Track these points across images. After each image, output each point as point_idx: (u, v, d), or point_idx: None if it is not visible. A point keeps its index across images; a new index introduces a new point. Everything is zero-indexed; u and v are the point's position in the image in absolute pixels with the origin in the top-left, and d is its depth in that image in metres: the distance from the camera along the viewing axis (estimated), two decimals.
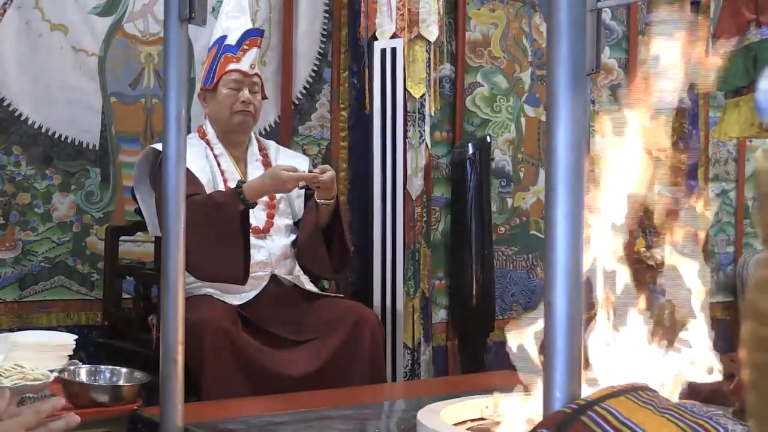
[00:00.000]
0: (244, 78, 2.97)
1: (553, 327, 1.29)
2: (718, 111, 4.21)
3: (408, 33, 3.37)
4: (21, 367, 2.28)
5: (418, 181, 3.41)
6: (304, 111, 3.77)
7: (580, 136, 1.31)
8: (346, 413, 2.24)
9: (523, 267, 4.24)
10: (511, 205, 4.21)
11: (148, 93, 3.46)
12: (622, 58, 4.55)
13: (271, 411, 2.29)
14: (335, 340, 2.78)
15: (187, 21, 1.88)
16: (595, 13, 1.36)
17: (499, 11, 4.16)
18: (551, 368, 1.28)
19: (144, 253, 3.33)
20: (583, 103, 1.32)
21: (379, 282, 3.43)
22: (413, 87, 3.39)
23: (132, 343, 2.99)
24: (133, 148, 3.39)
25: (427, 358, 3.42)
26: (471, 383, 2.84)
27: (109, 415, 2.26)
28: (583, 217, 1.31)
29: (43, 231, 3.27)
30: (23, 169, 3.24)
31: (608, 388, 1.35)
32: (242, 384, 2.62)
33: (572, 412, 1.26)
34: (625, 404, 1.31)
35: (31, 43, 3.24)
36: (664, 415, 1.29)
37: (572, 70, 1.30)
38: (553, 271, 1.29)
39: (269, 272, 2.92)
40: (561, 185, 1.29)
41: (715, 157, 4.87)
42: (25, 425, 1.40)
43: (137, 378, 2.39)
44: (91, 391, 2.27)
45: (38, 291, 3.26)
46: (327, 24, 3.80)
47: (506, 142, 4.20)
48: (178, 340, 1.89)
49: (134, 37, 3.44)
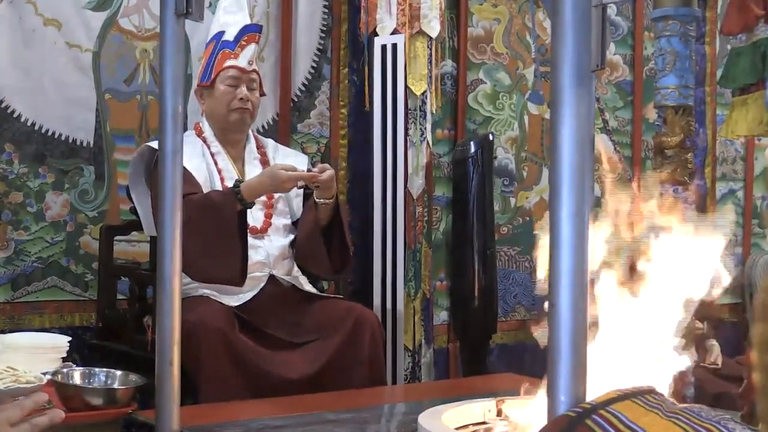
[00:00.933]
0: (241, 74, 2.95)
1: (558, 329, 1.26)
2: (726, 109, 4.18)
3: (409, 29, 3.35)
4: (13, 370, 2.27)
5: (419, 179, 3.39)
6: (303, 108, 3.75)
7: (584, 134, 1.29)
8: (346, 416, 2.24)
9: (526, 268, 4.21)
10: (513, 205, 4.18)
11: (143, 89, 3.44)
12: (628, 54, 4.52)
13: (269, 414, 2.29)
14: (334, 342, 2.76)
15: (184, 16, 1.85)
16: (600, 9, 1.35)
17: (501, 6, 4.14)
18: (555, 371, 1.26)
19: (139, 253, 3.31)
20: (588, 100, 1.31)
21: (379, 283, 3.41)
22: (414, 84, 3.37)
23: (127, 344, 2.97)
24: (128, 145, 3.37)
25: (428, 360, 3.40)
26: (473, 386, 2.83)
27: (104, 418, 2.25)
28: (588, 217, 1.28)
29: (36, 230, 3.24)
30: (16, 167, 3.21)
31: (614, 392, 1.32)
32: (240, 386, 2.60)
33: (577, 415, 1.23)
34: (631, 408, 1.28)
35: (24, 38, 3.21)
36: (671, 419, 1.26)
37: (577, 67, 1.27)
38: (558, 273, 1.26)
39: (267, 273, 2.89)
40: (565, 184, 1.26)
41: (723, 155, 4.84)
42: (10, 420, 1.40)
43: (132, 380, 2.38)
44: (85, 394, 2.26)
45: (31, 292, 3.23)
46: (326, 19, 3.78)
47: (509, 140, 4.17)
48: (174, 342, 1.86)
49: (129, 33, 3.41)
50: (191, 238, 2.52)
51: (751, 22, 2.85)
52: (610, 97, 4.45)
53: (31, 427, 1.41)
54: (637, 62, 4.53)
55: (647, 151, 4.48)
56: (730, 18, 2.96)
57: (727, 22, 3.00)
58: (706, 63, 4.61)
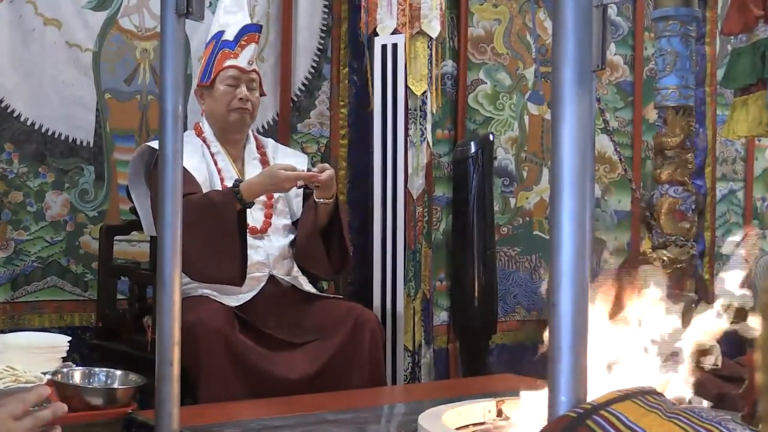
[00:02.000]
0: (241, 74, 2.94)
1: (558, 330, 1.26)
2: (726, 109, 4.18)
3: (409, 29, 3.35)
4: (13, 369, 2.28)
5: (419, 180, 3.38)
6: (303, 108, 3.75)
7: (585, 134, 1.28)
8: (346, 417, 2.24)
9: (527, 268, 4.20)
10: (514, 205, 4.18)
11: (143, 89, 3.43)
12: (628, 54, 4.51)
13: (268, 414, 2.28)
14: (334, 342, 2.76)
15: (185, 16, 1.84)
16: (601, 9, 1.35)
17: (502, 7, 4.13)
18: (556, 371, 1.25)
19: (139, 253, 3.31)
20: (589, 100, 1.31)
21: (379, 283, 3.41)
22: (414, 84, 3.37)
23: (127, 344, 2.96)
24: (128, 145, 3.36)
25: (427, 360, 3.40)
26: (473, 386, 2.82)
27: (104, 418, 2.25)
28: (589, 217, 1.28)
29: (36, 230, 3.24)
30: (15, 166, 3.21)
31: (615, 392, 1.32)
32: (239, 387, 2.60)
33: (578, 416, 1.23)
34: (632, 408, 1.28)
35: (24, 38, 3.20)
36: (672, 420, 1.26)
37: (578, 67, 1.27)
38: (559, 273, 1.26)
39: (267, 273, 2.89)
40: (566, 184, 1.26)
41: (723, 156, 4.84)
42: (13, 414, 1.40)
43: (132, 380, 2.39)
44: (85, 394, 2.26)
45: (31, 291, 3.23)
46: (326, 19, 3.78)
47: (509, 141, 4.16)
48: (174, 342, 1.86)
49: (129, 32, 3.41)
50: (191, 238, 2.51)
51: (750, 23, 2.85)
52: (610, 98, 4.45)
53: (34, 420, 1.41)
54: (638, 62, 4.52)
55: (647, 152, 4.48)
56: (731, 18, 2.96)
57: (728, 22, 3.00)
58: (707, 63, 4.61)
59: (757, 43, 2.91)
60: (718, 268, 4.79)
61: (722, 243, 4.85)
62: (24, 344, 2.56)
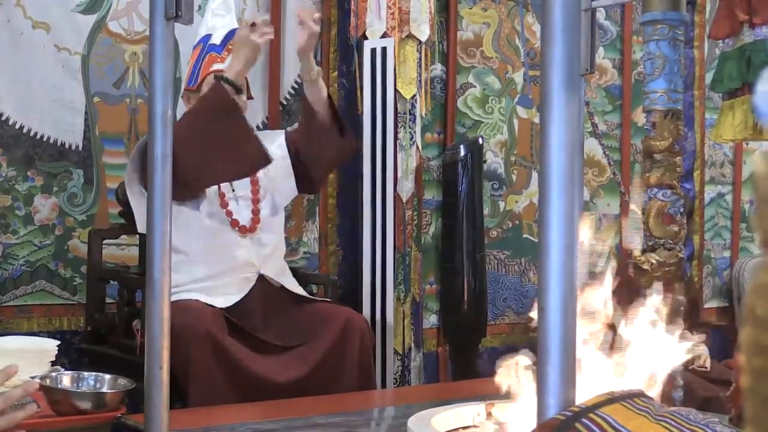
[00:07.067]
0: None
1: (547, 332, 1.26)
2: (714, 112, 4.20)
3: (399, 32, 3.35)
4: None
5: (408, 183, 3.39)
6: (292, 112, 3.74)
7: (574, 138, 1.28)
8: (335, 420, 2.25)
9: (516, 271, 4.21)
10: (503, 208, 4.18)
11: (132, 93, 3.43)
12: (617, 58, 4.53)
13: (258, 418, 2.28)
14: (323, 345, 2.75)
15: (174, 19, 1.84)
16: (589, 13, 1.35)
17: (491, 10, 4.14)
18: (545, 374, 1.26)
19: (128, 257, 3.30)
20: (578, 104, 1.31)
21: (368, 286, 3.40)
22: (404, 87, 3.37)
23: (116, 348, 2.95)
24: (117, 149, 3.36)
25: (417, 364, 3.40)
26: (462, 390, 2.83)
27: (92, 422, 2.23)
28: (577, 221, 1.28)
29: (25, 234, 3.23)
30: (4, 170, 3.20)
31: (603, 395, 1.32)
32: (229, 390, 2.59)
33: (566, 419, 1.23)
34: (621, 411, 1.28)
35: (13, 41, 3.19)
36: (660, 423, 1.27)
37: (566, 71, 1.27)
38: (547, 276, 1.26)
39: (256, 273, 2.88)
40: (555, 188, 1.26)
41: (711, 159, 4.86)
42: None
43: (121, 384, 2.37)
44: (74, 398, 2.24)
45: (19, 295, 3.22)
46: None
47: (498, 144, 4.17)
48: (163, 346, 1.85)
49: (118, 36, 3.40)
50: (200, 148, 2.52)
51: (736, 28, 2.87)
52: (599, 101, 4.47)
53: (8, 421, 1.44)
54: (626, 66, 4.54)
55: (636, 155, 4.49)
56: (718, 23, 2.98)
57: (715, 26, 3.02)
58: (695, 67, 4.63)
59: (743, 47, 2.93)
60: (706, 271, 4.82)
61: (711, 246, 4.87)
62: (12, 348, 2.53)
